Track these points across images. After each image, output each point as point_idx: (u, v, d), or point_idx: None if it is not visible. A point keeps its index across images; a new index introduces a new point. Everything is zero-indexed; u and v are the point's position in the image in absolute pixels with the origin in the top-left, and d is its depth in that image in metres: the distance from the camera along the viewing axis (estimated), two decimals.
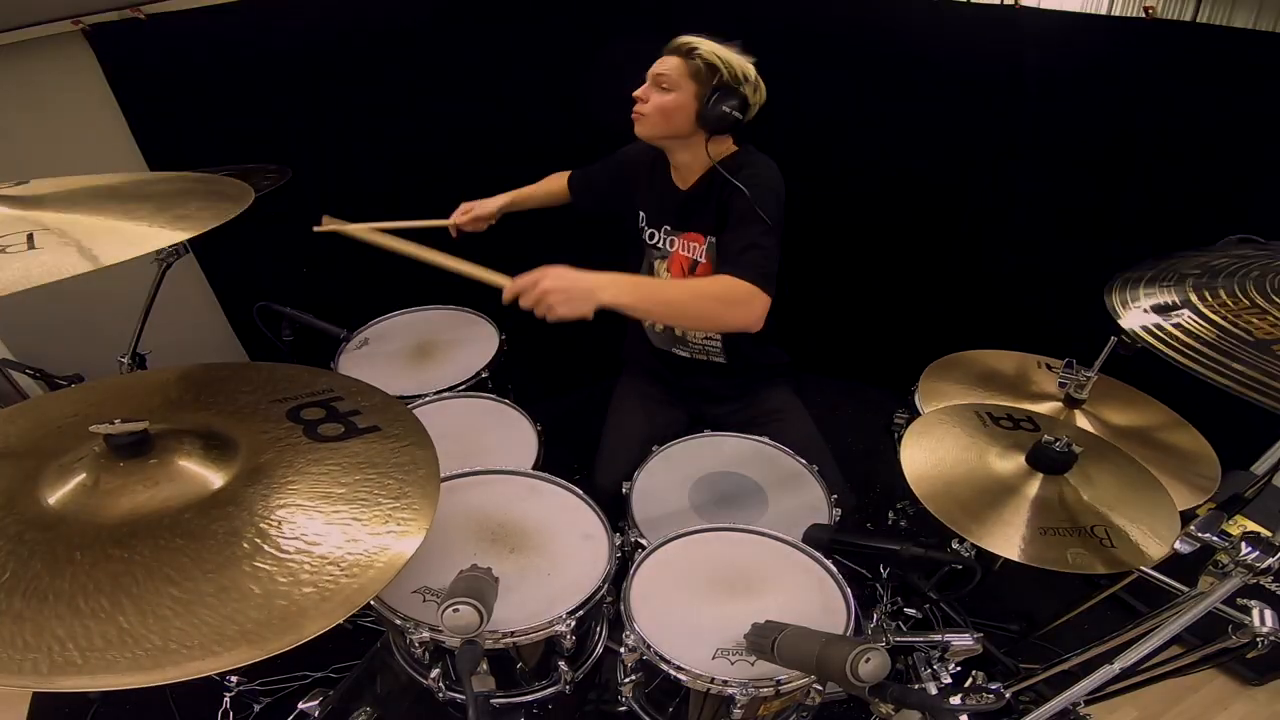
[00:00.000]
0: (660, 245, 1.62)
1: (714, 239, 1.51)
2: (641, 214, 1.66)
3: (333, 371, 1.58)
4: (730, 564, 1.19)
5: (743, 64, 1.42)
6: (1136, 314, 0.94)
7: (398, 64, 2.05)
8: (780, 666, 0.98)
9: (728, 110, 1.40)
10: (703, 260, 1.55)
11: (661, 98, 1.43)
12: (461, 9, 2.05)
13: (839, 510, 1.38)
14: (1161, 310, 0.93)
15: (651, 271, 1.68)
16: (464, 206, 1.73)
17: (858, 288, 2.52)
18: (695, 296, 1.28)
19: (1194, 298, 0.94)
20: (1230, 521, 1.55)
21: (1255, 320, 0.86)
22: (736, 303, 1.25)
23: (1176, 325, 0.88)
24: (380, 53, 2.02)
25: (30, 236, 0.82)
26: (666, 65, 1.43)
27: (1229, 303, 0.91)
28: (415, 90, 2.11)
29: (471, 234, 1.72)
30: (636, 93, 1.46)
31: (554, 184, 1.83)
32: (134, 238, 0.84)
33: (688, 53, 1.41)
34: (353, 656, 1.51)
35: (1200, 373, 0.78)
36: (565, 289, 1.14)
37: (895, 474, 1.23)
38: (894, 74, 2.11)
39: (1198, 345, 0.83)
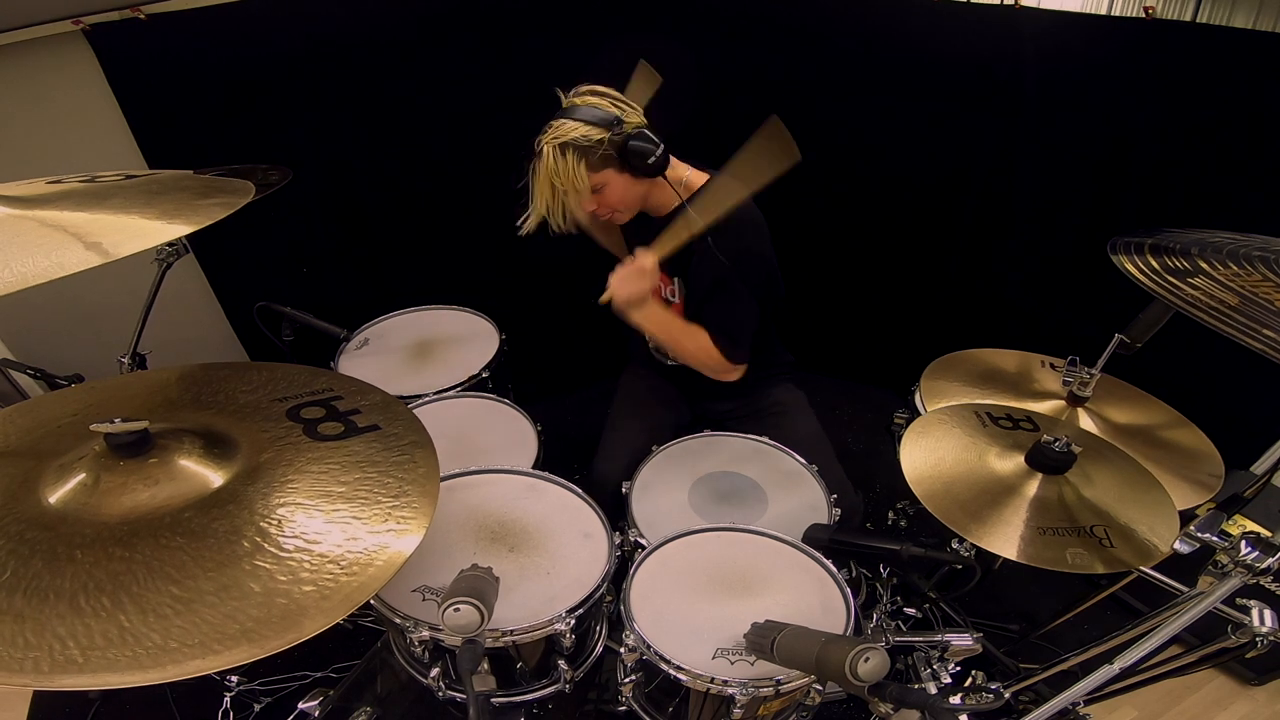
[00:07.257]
0: None
1: (680, 281, 1.52)
2: (627, 245, 1.65)
3: (333, 371, 1.58)
4: (730, 564, 1.19)
5: (601, 106, 1.32)
6: (1153, 277, 0.91)
7: (398, 64, 2.05)
8: (780, 666, 0.99)
9: (649, 160, 1.32)
10: (675, 300, 1.55)
11: (608, 199, 1.39)
12: (463, 11, 2.05)
13: (839, 510, 1.38)
14: (1179, 274, 0.90)
15: None
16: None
17: (858, 287, 2.52)
18: (693, 350, 1.45)
19: (1204, 265, 0.92)
20: (1230, 521, 1.54)
21: (1271, 292, 0.84)
22: (716, 370, 1.47)
23: (1196, 288, 0.85)
24: (381, 53, 2.02)
25: (30, 235, 0.81)
26: (579, 180, 1.33)
27: (1240, 273, 0.89)
28: (415, 90, 2.10)
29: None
30: (591, 210, 1.42)
31: None
32: (135, 233, 0.83)
33: (577, 155, 1.31)
34: (353, 656, 1.51)
35: (1235, 336, 0.75)
36: (631, 285, 1.30)
37: (895, 474, 1.23)
38: (893, 73, 2.11)
39: (1224, 310, 0.79)
